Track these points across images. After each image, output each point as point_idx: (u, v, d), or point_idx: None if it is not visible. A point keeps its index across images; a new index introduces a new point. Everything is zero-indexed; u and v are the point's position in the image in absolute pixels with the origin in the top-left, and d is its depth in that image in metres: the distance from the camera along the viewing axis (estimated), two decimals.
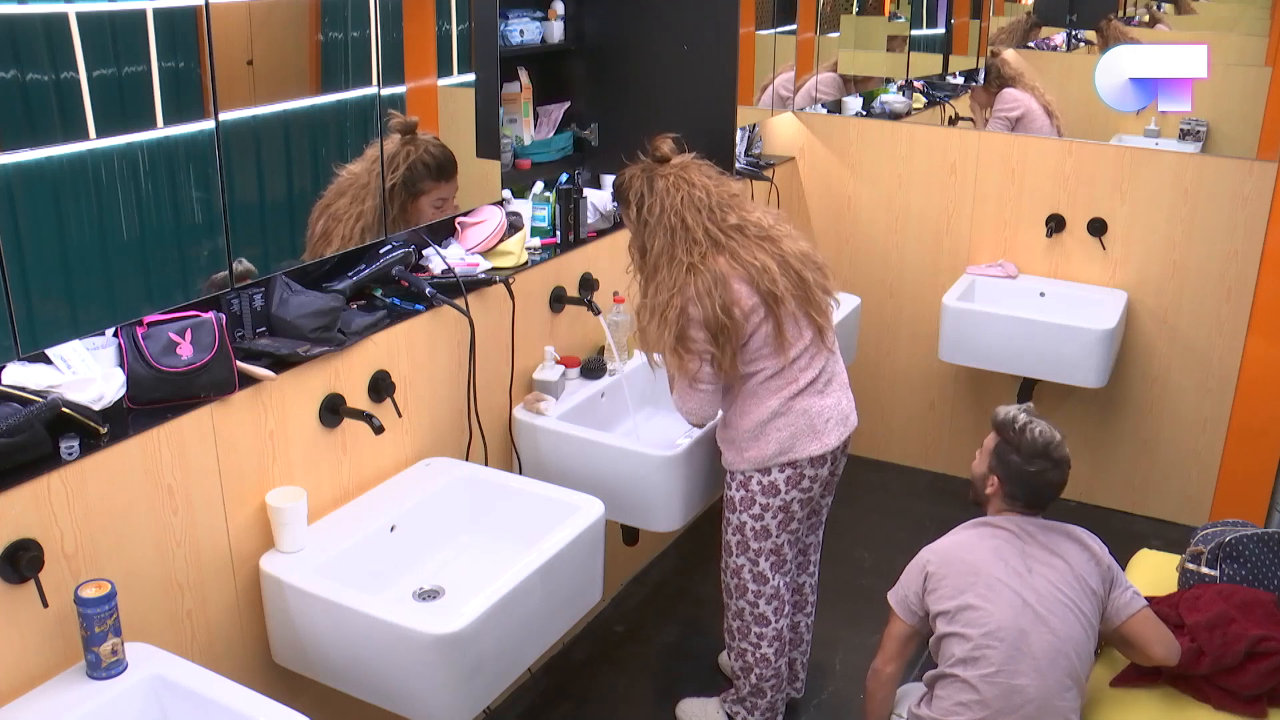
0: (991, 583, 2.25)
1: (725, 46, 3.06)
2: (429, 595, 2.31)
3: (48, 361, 1.87)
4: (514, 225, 2.82)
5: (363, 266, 2.46)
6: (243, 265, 2.17)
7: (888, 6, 4.82)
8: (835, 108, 4.40)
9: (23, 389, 1.79)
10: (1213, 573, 2.53)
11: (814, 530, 2.86)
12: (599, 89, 3.26)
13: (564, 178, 3.04)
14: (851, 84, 4.50)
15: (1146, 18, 5.07)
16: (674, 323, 2.43)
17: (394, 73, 2.46)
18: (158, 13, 1.94)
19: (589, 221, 3.08)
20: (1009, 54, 4.66)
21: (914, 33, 4.79)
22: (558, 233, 3.00)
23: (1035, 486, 2.34)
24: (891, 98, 4.50)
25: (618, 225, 3.21)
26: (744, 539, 2.64)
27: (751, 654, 2.75)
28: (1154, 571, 2.77)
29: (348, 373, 2.32)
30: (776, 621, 2.72)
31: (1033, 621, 2.21)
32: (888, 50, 4.74)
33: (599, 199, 3.16)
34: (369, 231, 2.47)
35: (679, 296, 2.42)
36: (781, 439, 2.53)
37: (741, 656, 2.77)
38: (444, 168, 2.62)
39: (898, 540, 3.88)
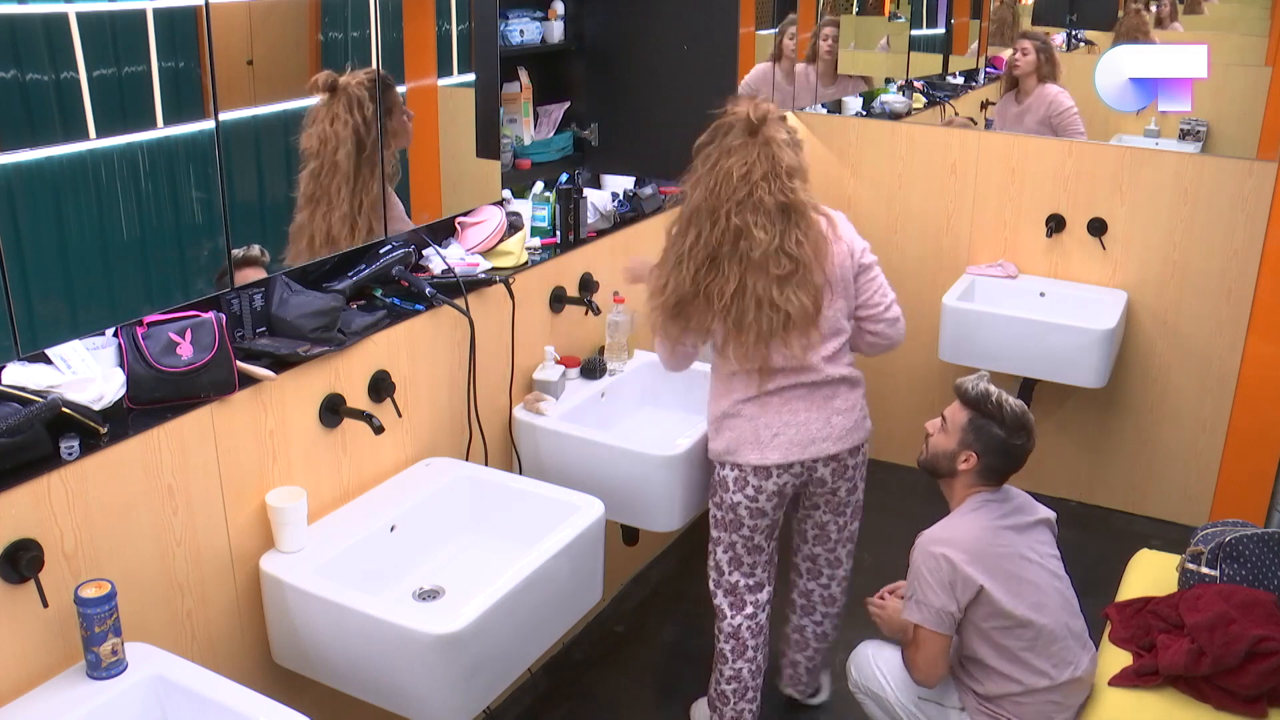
0: (1034, 584, 2.34)
1: (725, 46, 3.06)
2: (429, 595, 2.31)
3: (48, 361, 1.87)
4: (514, 225, 2.82)
5: (363, 266, 2.46)
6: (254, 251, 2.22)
7: (888, 6, 4.82)
8: (835, 108, 4.40)
9: (23, 389, 1.79)
10: (1213, 573, 2.53)
11: (822, 542, 2.81)
12: (599, 89, 3.26)
13: (564, 178, 3.04)
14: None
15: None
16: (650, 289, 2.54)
17: (394, 73, 2.46)
18: (158, 13, 1.94)
19: (589, 221, 3.08)
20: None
21: (914, 33, 4.79)
22: (558, 233, 3.00)
23: (1016, 459, 2.41)
24: (891, 98, 4.50)
25: (618, 225, 3.21)
26: (712, 522, 2.68)
27: (716, 648, 2.75)
28: (1154, 571, 2.77)
29: (348, 373, 2.32)
30: (732, 618, 2.70)
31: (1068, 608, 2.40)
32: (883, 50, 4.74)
33: (599, 199, 3.15)
34: (369, 221, 2.45)
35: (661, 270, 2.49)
36: (729, 438, 2.55)
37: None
38: (386, 87, 2.45)
39: (898, 540, 3.86)
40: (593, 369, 3.01)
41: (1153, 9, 4.74)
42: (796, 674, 2.99)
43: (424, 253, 2.64)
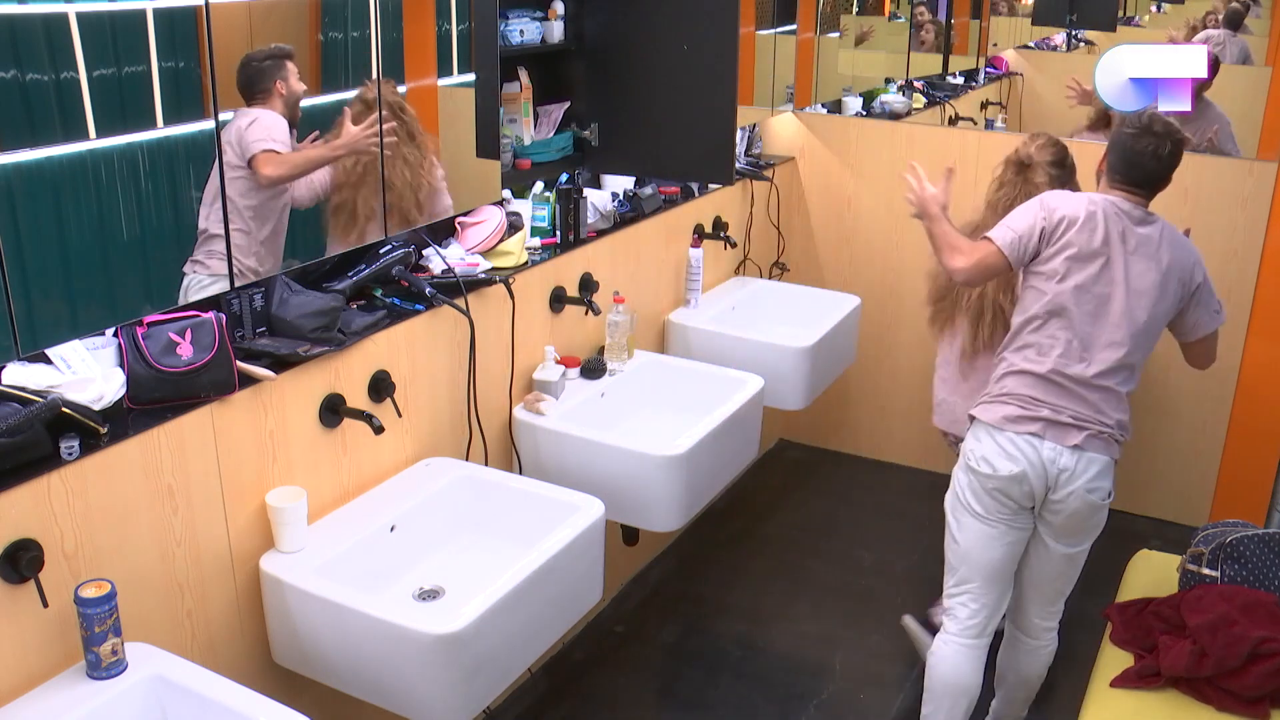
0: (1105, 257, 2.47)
1: (725, 46, 3.06)
2: (429, 595, 2.31)
3: (48, 361, 1.87)
4: (514, 225, 2.81)
5: (363, 266, 2.46)
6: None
7: (888, 6, 4.83)
8: (835, 108, 4.40)
9: (23, 389, 1.79)
10: (1214, 573, 2.53)
11: None
12: (599, 89, 3.26)
13: (564, 178, 3.04)
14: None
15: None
16: None
17: (394, 73, 2.46)
18: (158, 13, 1.94)
19: (589, 221, 3.08)
20: None
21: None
22: (558, 233, 3.00)
23: (1132, 155, 2.47)
24: (891, 98, 4.50)
25: (617, 225, 3.21)
26: None
27: None
28: (1154, 572, 2.77)
29: (348, 373, 2.32)
30: None
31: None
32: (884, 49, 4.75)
33: (599, 199, 3.15)
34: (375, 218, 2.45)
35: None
36: None
37: None
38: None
39: (898, 540, 3.88)
40: (593, 369, 3.01)
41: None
42: None
43: (424, 253, 2.64)
